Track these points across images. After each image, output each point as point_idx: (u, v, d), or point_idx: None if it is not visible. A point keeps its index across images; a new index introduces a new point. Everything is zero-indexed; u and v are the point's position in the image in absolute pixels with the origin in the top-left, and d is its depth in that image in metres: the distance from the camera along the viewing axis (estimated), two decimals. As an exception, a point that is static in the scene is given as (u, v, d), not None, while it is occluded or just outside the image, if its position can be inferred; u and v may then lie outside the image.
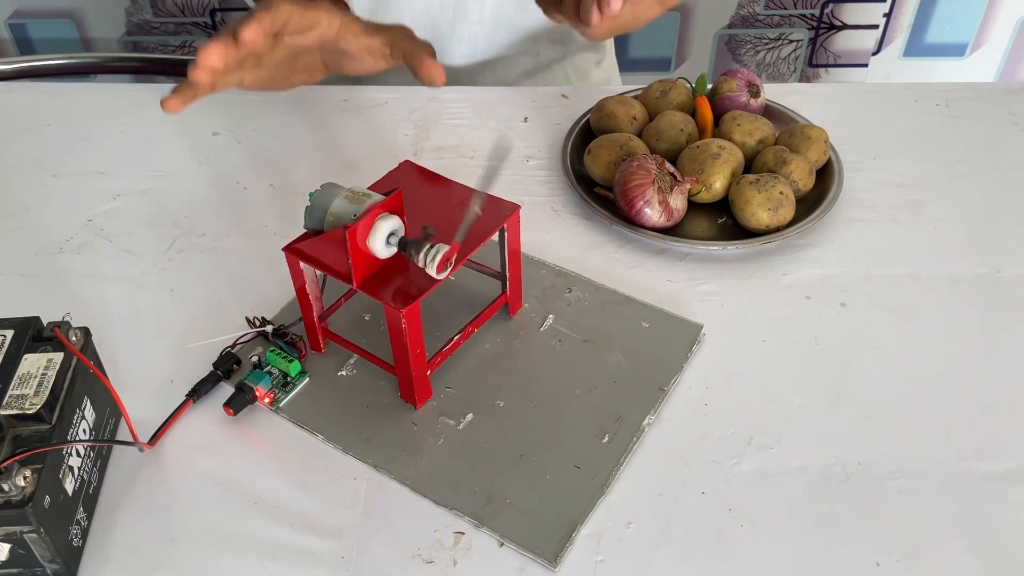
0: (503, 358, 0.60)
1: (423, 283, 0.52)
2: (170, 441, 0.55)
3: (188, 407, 0.56)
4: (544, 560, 0.49)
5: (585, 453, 0.54)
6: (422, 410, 0.57)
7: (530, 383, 0.59)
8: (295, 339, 0.60)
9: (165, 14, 1.67)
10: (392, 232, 0.52)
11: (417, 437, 0.55)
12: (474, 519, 0.51)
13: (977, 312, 0.64)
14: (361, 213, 0.51)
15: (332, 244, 0.51)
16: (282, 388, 0.58)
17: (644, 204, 0.67)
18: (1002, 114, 0.83)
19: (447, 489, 0.53)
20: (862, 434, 0.56)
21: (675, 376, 0.59)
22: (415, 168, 0.61)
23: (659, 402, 0.57)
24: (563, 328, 0.62)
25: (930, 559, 0.49)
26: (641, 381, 0.58)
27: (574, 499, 0.52)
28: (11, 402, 0.47)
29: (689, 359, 0.60)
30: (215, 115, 0.84)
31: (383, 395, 0.58)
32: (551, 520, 0.51)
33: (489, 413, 0.57)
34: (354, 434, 0.56)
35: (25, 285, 0.67)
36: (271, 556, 0.50)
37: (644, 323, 0.62)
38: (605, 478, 0.53)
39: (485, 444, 0.55)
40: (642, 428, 0.56)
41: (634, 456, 0.55)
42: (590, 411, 0.57)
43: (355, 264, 0.51)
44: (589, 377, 0.59)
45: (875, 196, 0.73)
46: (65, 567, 0.48)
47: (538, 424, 0.56)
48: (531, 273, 0.66)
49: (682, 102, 0.78)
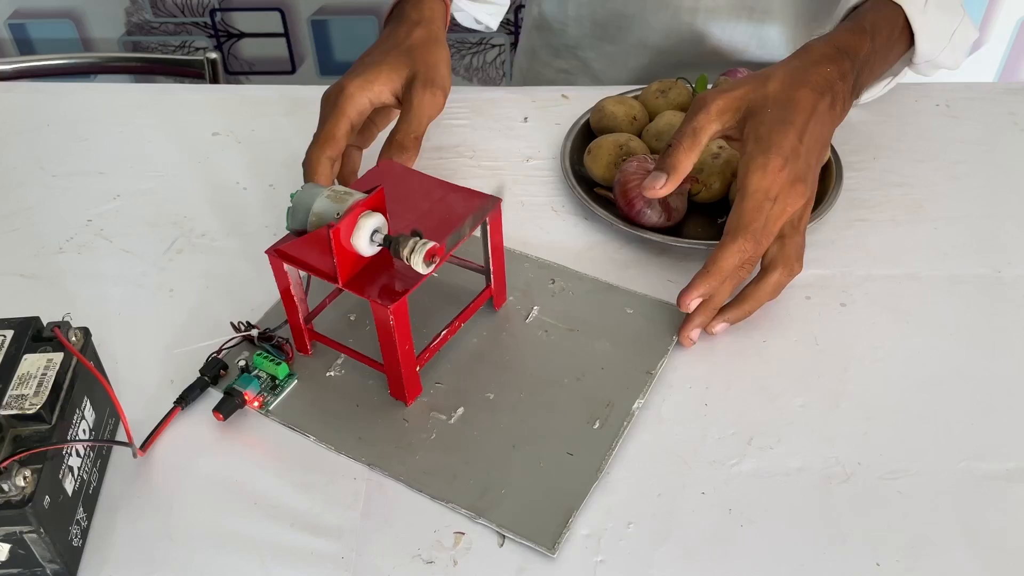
0: (491, 351, 0.60)
1: (409, 279, 0.52)
2: (170, 442, 0.55)
3: (177, 414, 0.56)
4: (543, 547, 0.49)
5: (577, 440, 0.55)
6: (413, 406, 0.57)
7: (519, 374, 0.59)
8: (281, 342, 0.60)
9: (165, 14, 1.67)
10: (376, 229, 0.52)
11: (409, 433, 0.56)
12: (471, 511, 0.51)
13: (977, 312, 0.64)
14: (344, 212, 0.51)
15: (316, 244, 0.51)
16: (271, 391, 0.58)
17: (644, 204, 0.67)
18: (1002, 114, 0.83)
19: (442, 483, 0.53)
20: (862, 434, 0.56)
21: (662, 359, 0.59)
22: (394, 166, 0.61)
23: (647, 386, 0.58)
24: (548, 319, 0.62)
25: (930, 559, 0.49)
26: (628, 366, 0.59)
27: (569, 486, 0.52)
28: (11, 402, 0.47)
29: (674, 342, 0.60)
30: (215, 115, 0.84)
31: (373, 393, 0.58)
32: (548, 508, 0.51)
33: (480, 406, 0.57)
34: (346, 433, 0.56)
35: (25, 285, 0.67)
36: (271, 556, 0.50)
37: (628, 309, 0.63)
38: (599, 463, 0.53)
39: (478, 437, 0.55)
40: (632, 412, 0.56)
41: (626, 442, 0.55)
42: (580, 399, 0.57)
43: (340, 263, 0.51)
44: (577, 365, 0.59)
45: (875, 196, 0.73)
46: (65, 567, 0.48)
47: (529, 414, 0.56)
48: (514, 266, 0.66)
49: (682, 102, 0.78)
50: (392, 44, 0.70)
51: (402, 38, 0.70)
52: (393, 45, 0.70)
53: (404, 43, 0.70)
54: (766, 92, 0.60)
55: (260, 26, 1.71)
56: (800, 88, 0.60)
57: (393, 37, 0.71)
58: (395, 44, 0.70)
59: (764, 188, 0.57)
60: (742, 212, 0.58)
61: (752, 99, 0.60)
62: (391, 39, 0.71)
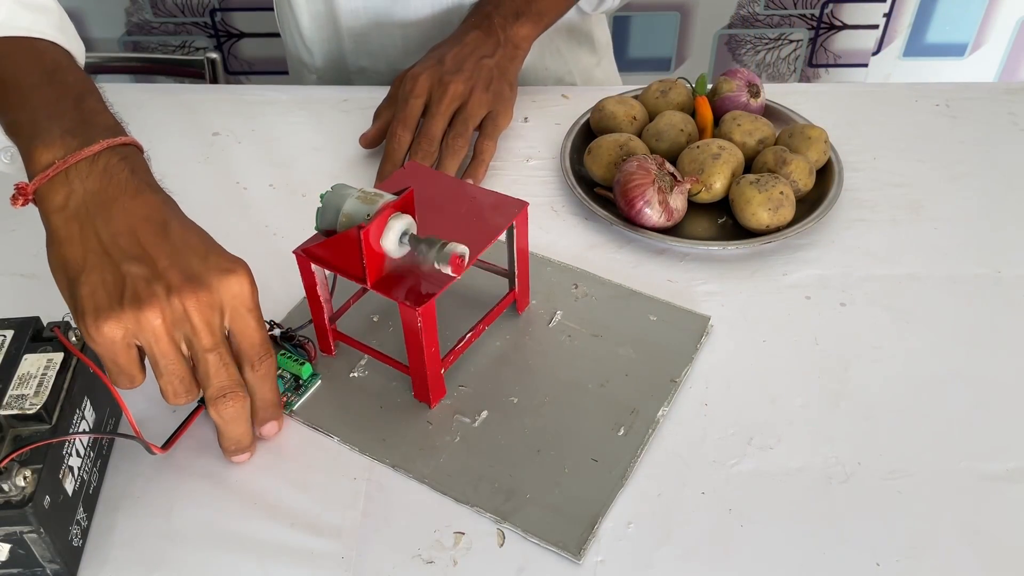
0: (514, 355, 0.60)
1: (436, 281, 0.52)
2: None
3: (201, 412, 0.56)
4: (569, 553, 0.49)
5: (602, 446, 0.55)
6: (436, 409, 0.57)
7: (542, 379, 0.59)
8: (303, 341, 0.60)
9: (165, 14, 1.67)
10: (405, 231, 0.52)
11: (433, 436, 0.55)
12: (496, 515, 0.51)
13: (977, 312, 0.64)
14: (374, 213, 0.51)
15: (344, 245, 0.51)
16: (294, 391, 0.58)
17: (644, 204, 0.67)
18: (1002, 114, 0.83)
19: (467, 487, 0.53)
20: (862, 434, 0.56)
21: (686, 367, 0.59)
22: (420, 168, 0.61)
23: (672, 394, 0.58)
24: (572, 324, 0.62)
25: (930, 559, 0.49)
26: (652, 373, 0.59)
27: (594, 492, 0.52)
28: (11, 402, 0.47)
29: (699, 350, 0.60)
30: (215, 115, 0.84)
31: (396, 395, 0.58)
32: (573, 514, 0.51)
33: (504, 410, 0.57)
34: (370, 435, 0.56)
35: (25, 285, 0.67)
36: (271, 556, 0.50)
37: (652, 316, 0.63)
38: (623, 470, 0.53)
39: (502, 440, 0.55)
40: (656, 420, 0.56)
41: (649, 449, 0.55)
42: (604, 405, 0.57)
43: (369, 264, 0.51)
44: (600, 371, 0.59)
45: (875, 196, 0.73)
46: (65, 567, 0.48)
47: (553, 419, 0.56)
48: (536, 270, 0.66)
49: (682, 102, 0.78)
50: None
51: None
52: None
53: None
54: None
55: (260, 26, 1.71)
56: (449, 42, 0.79)
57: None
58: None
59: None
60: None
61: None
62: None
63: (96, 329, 0.46)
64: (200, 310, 0.47)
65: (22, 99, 0.52)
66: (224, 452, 0.53)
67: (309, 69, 0.98)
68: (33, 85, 0.53)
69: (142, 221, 0.49)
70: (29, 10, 0.57)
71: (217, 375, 0.49)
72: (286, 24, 0.97)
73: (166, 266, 0.47)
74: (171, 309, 0.47)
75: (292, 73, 1.03)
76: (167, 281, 0.47)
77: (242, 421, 0.51)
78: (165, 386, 0.48)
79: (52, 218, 0.49)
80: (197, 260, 0.48)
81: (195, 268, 0.48)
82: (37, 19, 0.57)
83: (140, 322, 0.46)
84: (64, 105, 0.52)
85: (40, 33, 0.56)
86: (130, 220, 0.48)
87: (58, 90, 0.53)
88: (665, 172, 0.68)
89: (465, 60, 0.76)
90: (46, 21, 0.57)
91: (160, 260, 0.47)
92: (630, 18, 1.68)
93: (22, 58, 0.55)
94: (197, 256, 0.48)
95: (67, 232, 0.48)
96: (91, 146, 0.50)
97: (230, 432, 0.51)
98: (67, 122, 0.51)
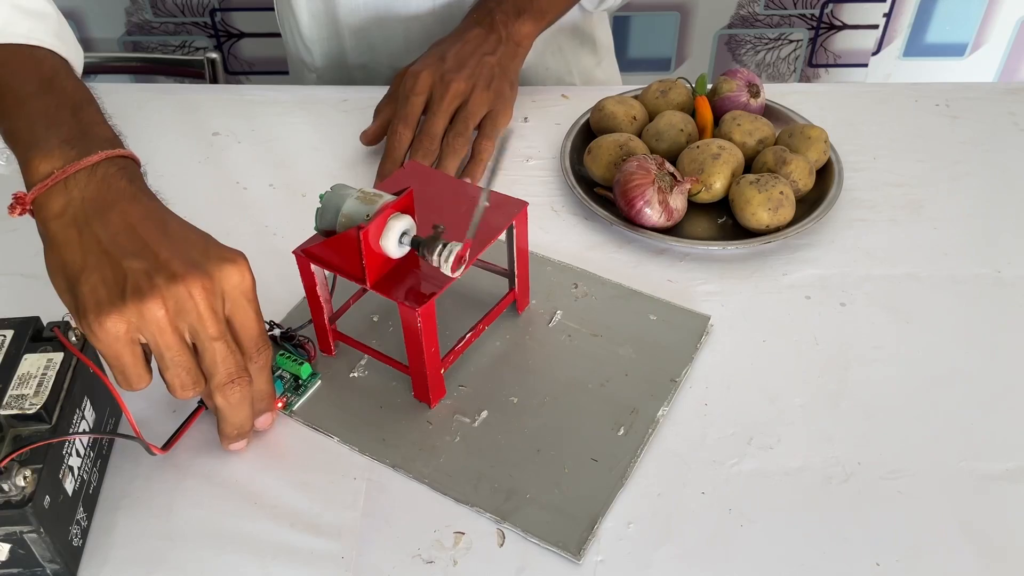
0: (514, 355, 0.60)
1: (436, 281, 0.52)
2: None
3: (201, 412, 0.56)
4: (569, 553, 0.49)
5: (602, 446, 0.55)
6: (436, 409, 0.57)
7: (542, 379, 0.59)
8: (303, 341, 0.60)
9: (165, 14, 1.67)
10: (404, 231, 0.52)
11: (433, 436, 0.55)
12: (496, 515, 0.51)
13: (977, 312, 0.64)
14: (374, 213, 0.51)
15: (343, 245, 0.51)
16: (294, 391, 0.58)
17: (644, 204, 0.67)
18: (1002, 114, 0.83)
19: (467, 486, 0.53)
20: (862, 434, 0.56)
21: (686, 367, 0.59)
22: (420, 168, 0.61)
23: (672, 393, 0.58)
24: (572, 323, 0.62)
25: (930, 559, 0.49)
26: (652, 373, 0.59)
27: (594, 492, 0.52)
28: (11, 402, 0.47)
29: (698, 350, 0.60)
30: (215, 115, 0.84)
31: (396, 395, 0.58)
32: (573, 513, 0.51)
33: (504, 410, 0.57)
34: (370, 435, 0.56)
35: (25, 285, 0.67)
36: (271, 556, 0.50)
37: (652, 316, 0.63)
38: (623, 470, 0.53)
39: (502, 440, 0.55)
40: (656, 419, 0.56)
41: (650, 448, 0.55)
42: (604, 404, 0.57)
43: (368, 265, 0.51)
44: (601, 371, 0.59)
45: (875, 196, 0.73)
46: (65, 567, 0.48)
47: (553, 419, 0.56)
48: (536, 270, 0.66)
49: (682, 102, 0.78)
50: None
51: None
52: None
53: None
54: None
55: (260, 26, 1.71)
56: (451, 39, 0.79)
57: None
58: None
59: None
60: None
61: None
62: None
63: (99, 325, 0.46)
64: (205, 297, 0.47)
65: (20, 107, 0.52)
66: (223, 439, 0.53)
67: (309, 68, 0.98)
68: (31, 93, 0.53)
69: (141, 220, 0.49)
70: (27, 17, 0.57)
71: (225, 362, 0.49)
72: (286, 24, 0.97)
73: (167, 257, 0.47)
74: (174, 298, 0.46)
75: (292, 73, 1.03)
76: (169, 271, 0.47)
77: (246, 405, 0.51)
78: (172, 379, 0.48)
79: (50, 225, 0.49)
80: (197, 251, 0.48)
81: (196, 258, 0.48)
82: (35, 26, 0.57)
83: (143, 315, 0.46)
84: (62, 114, 0.52)
85: (38, 40, 0.56)
86: (129, 220, 0.49)
87: (56, 99, 0.53)
88: (665, 172, 0.68)
89: (467, 58, 0.76)
90: (44, 28, 0.57)
91: (161, 253, 0.47)
92: (630, 18, 1.68)
93: (20, 66, 0.55)
94: (197, 248, 0.49)
95: (65, 236, 0.48)
96: (90, 156, 0.50)
97: (234, 417, 0.51)
98: (65, 132, 0.51)
